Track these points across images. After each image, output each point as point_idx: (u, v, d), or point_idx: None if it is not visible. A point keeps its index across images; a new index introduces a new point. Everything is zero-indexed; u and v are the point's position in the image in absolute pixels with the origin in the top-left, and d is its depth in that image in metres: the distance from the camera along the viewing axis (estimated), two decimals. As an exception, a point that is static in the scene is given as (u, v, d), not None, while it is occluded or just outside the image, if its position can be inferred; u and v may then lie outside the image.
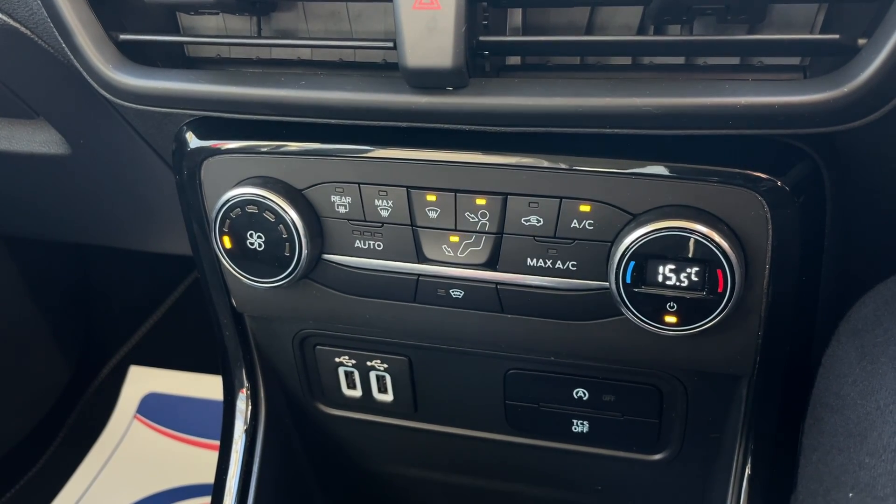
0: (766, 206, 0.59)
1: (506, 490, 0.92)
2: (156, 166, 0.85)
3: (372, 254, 0.70)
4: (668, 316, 0.62)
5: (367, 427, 0.90)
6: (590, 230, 0.63)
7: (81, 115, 0.83)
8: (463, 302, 0.70)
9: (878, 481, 0.47)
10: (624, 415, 0.79)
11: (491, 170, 0.63)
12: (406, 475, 0.95)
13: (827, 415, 0.54)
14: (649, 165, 0.60)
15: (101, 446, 1.58)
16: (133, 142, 0.83)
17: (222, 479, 0.88)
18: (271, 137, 0.68)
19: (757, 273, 0.62)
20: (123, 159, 0.89)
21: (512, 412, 0.82)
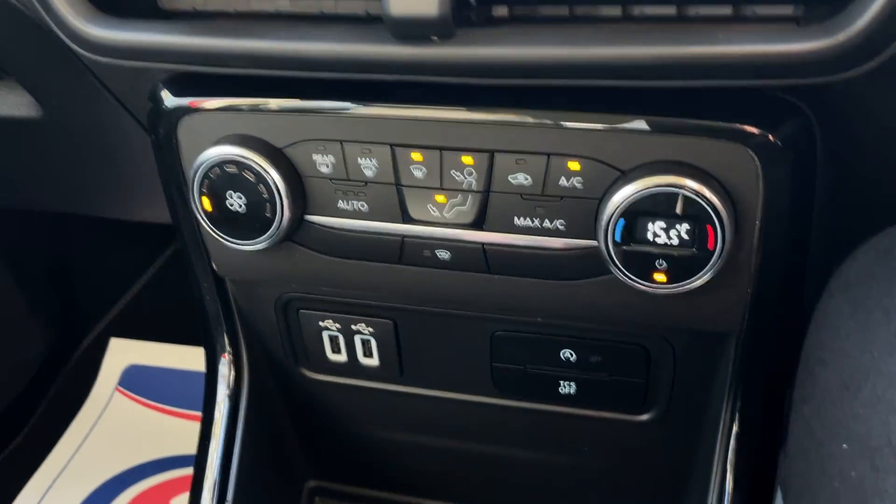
0: (758, 161, 0.59)
1: (493, 452, 0.92)
2: (132, 129, 0.83)
3: (356, 214, 0.68)
4: (656, 274, 0.62)
5: (352, 392, 0.89)
6: (578, 188, 0.62)
7: (52, 75, 0.81)
8: (449, 263, 0.69)
9: (872, 432, 0.47)
10: (611, 375, 0.79)
11: (477, 126, 0.62)
12: (392, 439, 0.95)
13: (819, 369, 0.54)
14: (639, 120, 0.59)
15: (82, 419, 1.57)
16: (107, 103, 0.81)
17: (205, 446, 0.87)
18: (250, 94, 0.66)
19: (747, 229, 0.62)
20: (98, 122, 0.87)
21: (499, 374, 0.82)
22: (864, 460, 0.46)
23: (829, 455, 0.49)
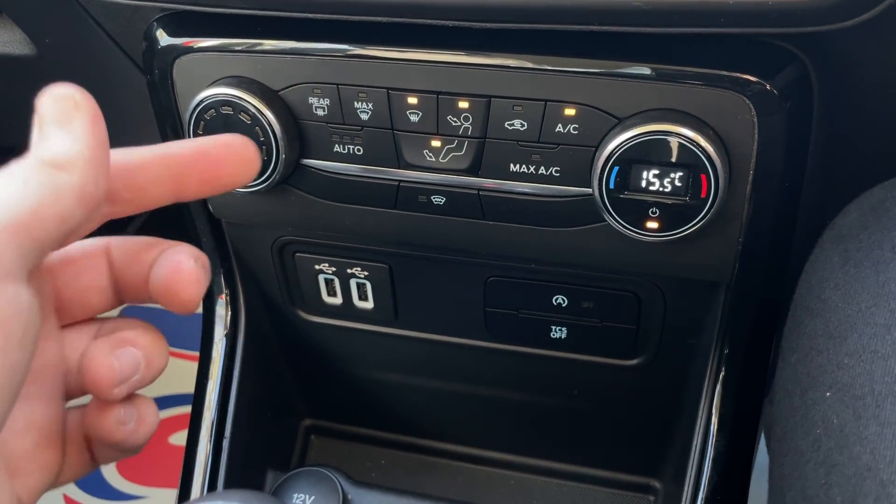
0: (753, 109, 0.59)
1: (484, 394, 0.93)
2: (127, 68, 0.82)
3: (351, 158, 0.68)
4: (650, 222, 0.62)
5: (347, 334, 0.90)
6: (574, 134, 0.62)
7: (46, 13, 0.79)
8: (444, 208, 0.69)
9: (856, 381, 0.48)
10: (602, 321, 0.80)
11: (474, 71, 0.62)
12: (387, 381, 0.96)
13: (807, 318, 0.55)
14: (636, 66, 0.59)
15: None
16: (101, 42, 0.79)
17: (203, 385, 0.88)
18: (246, 35, 0.65)
19: (740, 178, 0.62)
20: (92, 61, 0.85)
21: (492, 319, 0.83)
22: (846, 408, 0.47)
23: (812, 402, 0.51)
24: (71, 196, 0.39)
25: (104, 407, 0.44)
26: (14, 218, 0.37)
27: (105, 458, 0.47)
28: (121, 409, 0.44)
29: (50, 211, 0.38)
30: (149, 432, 0.46)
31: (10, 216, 0.37)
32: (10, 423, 0.41)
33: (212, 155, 0.45)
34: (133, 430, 0.45)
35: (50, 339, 0.45)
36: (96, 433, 0.44)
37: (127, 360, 0.43)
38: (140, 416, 0.45)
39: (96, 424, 0.44)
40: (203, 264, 0.44)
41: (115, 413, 0.44)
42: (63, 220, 0.39)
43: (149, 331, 0.45)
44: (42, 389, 0.44)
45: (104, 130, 0.41)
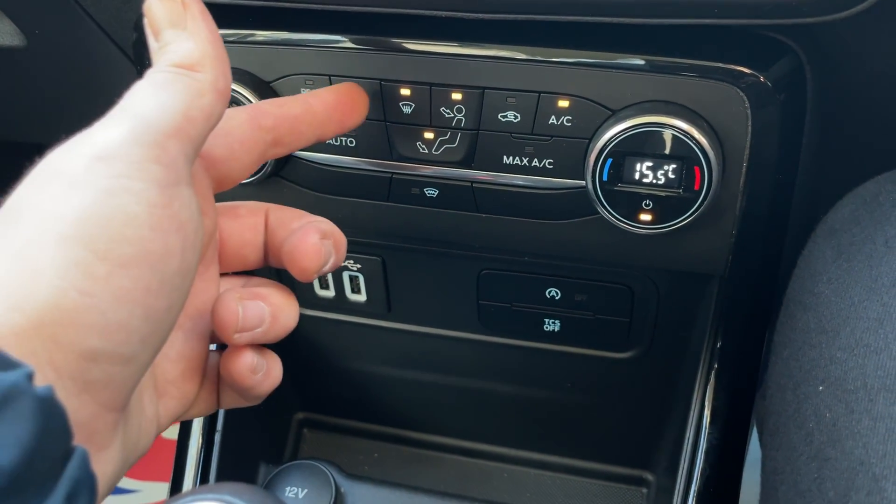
0: (747, 101, 0.58)
1: (477, 387, 0.93)
2: (117, 59, 0.82)
3: (344, 150, 0.68)
4: (643, 214, 0.62)
5: (340, 327, 0.90)
6: (568, 126, 0.62)
7: (35, 3, 0.79)
8: (437, 201, 0.69)
9: (848, 375, 0.48)
10: (595, 314, 0.80)
11: (468, 62, 0.61)
12: (379, 374, 0.96)
13: (800, 312, 0.55)
14: (630, 58, 0.59)
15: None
16: (92, 33, 0.79)
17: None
18: (237, 26, 0.65)
19: (734, 171, 0.62)
20: (83, 52, 0.85)
21: (485, 312, 0.83)
22: (839, 402, 0.47)
23: (805, 395, 0.51)
24: (210, 92, 0.42)
25: (238, 353, 0.47)
26: (174, 124, 0.40)
27: (228, 403, 0.52)
28: (253, 357, 0.48)
29: (198, 111, 0.42)
30: (273, 384, 0.50)
31: (171, 122, 0.40)
32: (165, 350, 0.46)
33: (345, 102, 0.57)
34: (260, 380, 0.49)
35: (211, 282, 0.49)
36: (229, 375, 0.48)
37: (252, 312, 0.47)
38: (269, 368, 0.49)
39: (230, 367, 0.48)
40: (335, 242, 0.50)
41: (247, 360, 0.47)
42: (209, 118, 0.42)
43: (283, 291, 0.49)
44: (197, 326, 0.49)
45: (214, 24, 0.45)
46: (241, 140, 0.49)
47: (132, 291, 0.37)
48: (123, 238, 0.37)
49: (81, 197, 0.37)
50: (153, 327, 0.39)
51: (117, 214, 0.37)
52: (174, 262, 0.39)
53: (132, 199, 0.38)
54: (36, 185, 0.39)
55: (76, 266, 0.36)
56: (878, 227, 0.53)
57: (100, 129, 0.40)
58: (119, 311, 0.37)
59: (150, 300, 0.38)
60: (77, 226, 0.37)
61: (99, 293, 0.36)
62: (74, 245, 0.36)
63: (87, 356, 0.37)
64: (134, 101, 0.41)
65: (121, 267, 0.37)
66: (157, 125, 0.40)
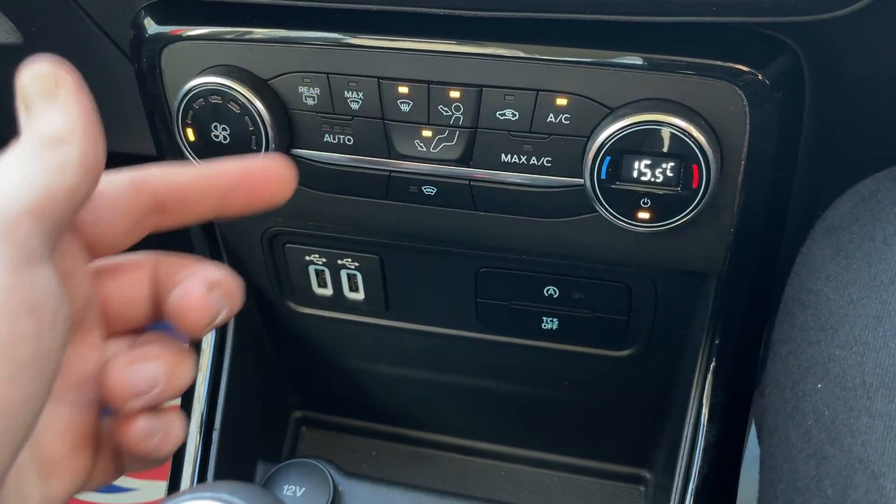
0: (745, 99, 0.58)
1: (475, 385, 0.93)
2: (114, 57, 0.81)
3: (342, 148, 0.68)
4: (641, 212, 0.62)
5: (338, 325, 0.90)
6: (566, 124, 0.62)
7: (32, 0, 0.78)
8: (435, 199, 0.69)
9: (847, 373, 0.48)
10: (593, 312, 0.80)
11: (466, 60, 0.61)
12: (377, 372, 0.96)
13: (799, 310, 0.55)
14: (628, 56, 0.59)
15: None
16: (89, 31, 0.79)
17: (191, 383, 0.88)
18: (235, 24, 0.64)
19: (732, 169, 0.62)
20: (80, 50, 0.85)
21: (483, 310, 0.83)
22: (837, 400, 0.47)
23: (803, 393, 0.51)
24: (76, 169, 0.39)
25: (129, 418, 0.44)
26: (30, 201, 0.37)
27: (132, 467, 0.47)
28: (146, 421, 0.44)
29: (60, 188, 0.38)
30: (174, 445, 0.45)
31: (27, 200, 0.37)
32: (49, 426, 0.42)
33: (254, 177, 0.47)
34: (158, 443, 0.44)
35: (93, 347, 0.45)
36: (122, 443, 0.44)
37: (144, 375, 0.43)
38: (166, 429, 0.45)
39: (122, 435, 0.44)
40: (226, 291, 0.44)
41: (139, 425, 0.44)
42: (73, 195, 0.39)
43: (173, 348, 0.45)
44: (82, 396, 0.44)
45: (89, 98, 0.41)
46: (113, 204, 0.44)
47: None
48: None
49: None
50: (9, 421, 0.35)
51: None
52: (27, 348, 0.35)
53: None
54: None
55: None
56: (877, 225, 0.53)
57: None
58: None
59: (5, 394, 0.34)
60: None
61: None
62: None
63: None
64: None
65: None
66: (9, 202, 0.37)
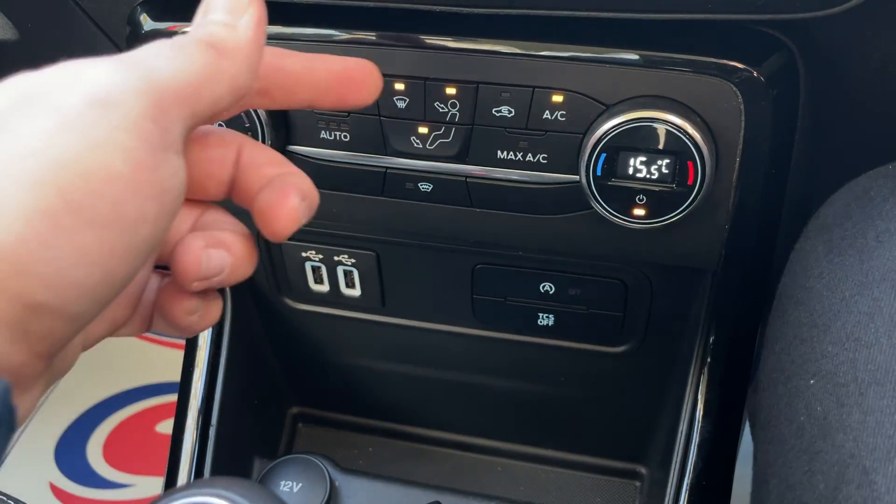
0: (740, 96, 0.59)
1: (472, 381, 0.93)
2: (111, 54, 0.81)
3: (338, 145, 0.68)
4: (637, 209, 0.62)
5: (334, 322, 0.90)
6: (562, 121, 0.62)
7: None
8: (432, 195, 0.69)
9: (839, 369, 0.48)
10: (589, 308, 0.80)
11: (462, 57, 0.61)
12: (374, 368, 0.96)
13: (792, 307, 0.55)
14: (624, 53, 0.59)
15: (65, 343, 1.58)
16: (85, 27, 0.79)
17: (189, 373, 0.88)
18: (231, 20, 0.64)
19: (727, 166, 0.62)
20: (76, 46, 0.84)
21: (479, 306, 0.83)
22: (830, 396, 0.48)
23: (796, 390, 0.51)
24: (226, 82, 0.41)
25: (180, 293, 0.45)
26: (184, 91, 0.38)
27: (159, 329, 0.49)
28: (194, 300, 0.45)
29: (207, 91, 0.40)
30: (209, 325, 0.48)
31: (181, 89, 0.38)
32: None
33: (351, 78, 0.50)
34: (196, 322, 0.46)
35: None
36: (164, 311, 0.46)
37: (215, 262, 0.44)
38: (206, 310, 0.47)
39: (168, 304, 0.45)
40: (310, 204, 0.46)
41: (187, 302, 0.45)
42: (215, 103, 0.40)
43: (246, 240, 0.46)
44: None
45: (265, 32, 0.44)
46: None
47: (95, 252, 0.35)
48: (101, 195, 0.35)
49: (69, 142, 0.35)
50: (108, 290, 0.37)
51: (101, 169, 0.35)
52: (145, 228, 0.37)
53: (120, 155, 0.35)
54: (20, 109, 0.36)
55: (44, 214, 0.34)
56: (870, 223, 0.53)
57: (102, 69, 0.37)
58: (76, 270, 0.35)
59: (113, 263, 0.36)
60: (56, 171, 0.34)
61: (60, 248, 0.34)
62: (49, 191, 0.34)
63: (33, 309, 0.34)
64: (147, 53, 0.39)
65: (89, 225, 0.35)
66: (165, 83, 0.37)
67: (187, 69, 0.39)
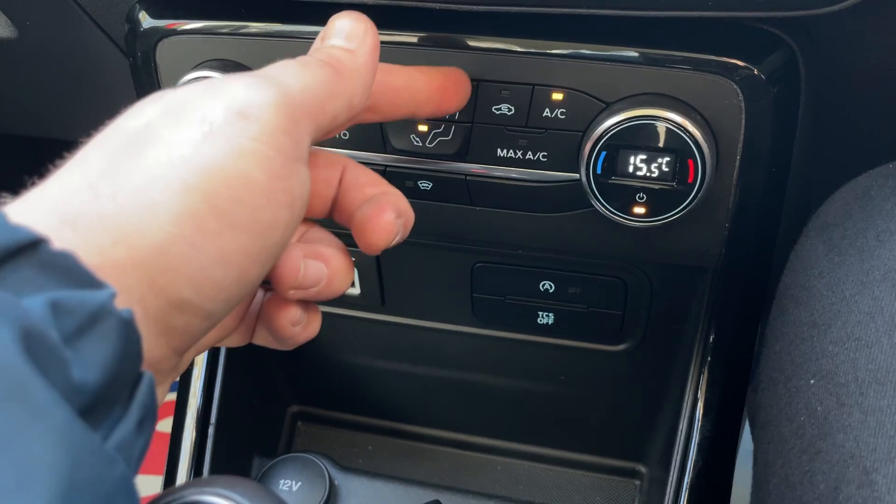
0: (741, 94, 0.58)
1: (471, 380, 0.93)
2: (110, 51, 0.81)
3: (337, 143, 0.68)
4: (637, 207, 0.62)
5: (334, 320, 0.90)
6: (562, 119, 0.62)
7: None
8: (431, 194, 0.69)
9: (839, 369, 0.48)
10: (589, 307, 0.80)
11: (461, 54, 0.61)
12: (373, 367, 0.96)
13: (792, 306, 0.55)
14: (624, 50, 0.59)
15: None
16: (84, 24, 0.78)
17: (188, 371, 0.88)
18: (230, 17, 0.64)
19: (727, 164, 0.62)
20: (75, 44, 0.84)
21: (479, 305, 0.83)
22: (830, 396, 0.47)
23: (796, 389, 0.51)
24: (345, 99, 0.45)
25: (285, 305, 0.48)
26: (310, 103, 0.42)
27: (260, 341, 0.52)
28: (297, 310, 0.48)
29: (330, 107, 0.44)
30: (309, 337, 0.50)
31: (309, 102, 0.42)
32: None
33: (447, 88, 0.56)
34: (297, 333, 0.49)
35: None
36: (270, 322, 0.49)
37: (313, 272, 0.47)
38: (308, 324, 0.50)
39: (271, 314, 0.48)
40: (405, 221, 0.50)
41: (291, 312, 0.48)
42: (335, 118, 0.44)
43: (343, 256, 0.49)
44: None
45: (378, 58, 0.48)
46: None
47: (234, 253, 0.38)
48: (241, 201, 0.38)
49: (215, 150, 0.38)
50: (240, 290, 0.40)
51: (241, 176, 0.38)
52: (277, 233, 0.40)
53: (258, 164, 0.38)
54: (169, 120, 0.39)
55: (192, 217, 0.37)
56: (870, 222, 0.53)
57: (242, 84, 0.40)
58: (217, 270, 0.38)
59: (247, 265, 0.39)
60: (203, 177, 0.37)
61: (205, 248, 0.37)
62: (196, 196, 0.37)
63: (177, 304, 0.37)
64: (278, 71, 0.43)
65: (231, 228, 0.38)
66: (297, 99, 0.41)
67: (314, 86, 0.42)
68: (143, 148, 0.38)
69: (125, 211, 0.36)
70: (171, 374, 0.42)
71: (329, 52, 0.46)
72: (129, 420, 0.33)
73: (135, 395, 0.33)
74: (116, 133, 0.39)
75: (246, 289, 0.40)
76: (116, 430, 0.32)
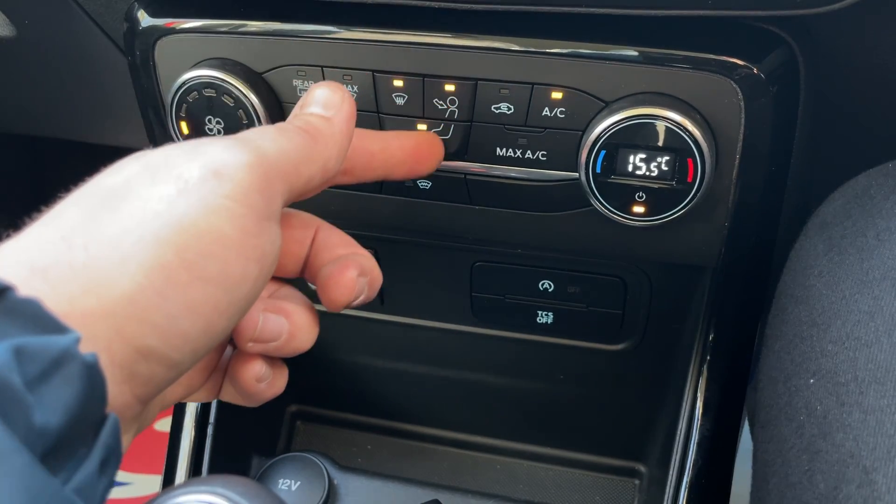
0: (741, 93, 0.58)
1: (470, 379, 0.93)
2: (108, 50, 0.81)
3: (336, 144, 0.68)
4: (636, 206, 0.62)
5: (333, 319, 0.89)
6: (561, 118, 0.62)
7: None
8: (430, 193, 0.69)
9: (839, 368, 0.48)
10: (588, 306, 0.80)
11: (461, 53, 0.61)
12: (372, 366, 0.96)
13: (791, 305, 0.55)
14: (624, 49, 0.59)
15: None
16: (82, 23, 0.78)
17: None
18: (229, 16, 0.64)
19: (727, 163, 0.62)
20: (73, 43, 0.84)
21: (478, 304, 0.83)
22: (830, 395, 0.47)
23: (796, 389, 0.51)
24: (319, 163, 0.47)
25: (248, 360, 0.49)
26: (284, 166, 0.44)
27: (227, 397, 0.54)
28: (261, 367, 0.49)
29: (304, 170, 0.46)
30: (275, 394, 0.52)
31: (284, 167, 0.44)
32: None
33: (421, 152, 0.59)
34: (262, 389, 0.51)
35: None
36: (233, 376, 0.50)
37: (272, 326, 0.48)
38: (273, 380, 0.51)
39: (236, 370, 0.49)
40: (371, 281, 0.51)
41: (255, 369, 0.49)
42: (309, 181, 0.46)
43: (308, 312, 0.51)
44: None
45: (354, 126, 0.51)
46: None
47: (203, 305, 0.39)
48: (212, 255, 0.39)
49: (188, 206, 0.39)
50: (207, 341, 0.41)
51: (213, 231, 0.39)
52: (245, 287, 0.41)
53: (230, 221, 0.40)
54: (146, 177, 0.40)
55: (162, 268, 0.38)
56: (870, 221, 0.53)
57: (219, 146, 0.42)
58: (185, 320, 0.39)
59: (214, 317, 0.40)
60: (176, 231, 0.38)
61: (174, 299, 0.38)
62: (167, 249, 0.38)
63: (143, 352, 0.38)
64: (256, 135, 0.45)
65: (201, 280, 0.39)
66: (272, 161, 0.43)
67: (289, 149, 0.45)
68: (119, 203, 0.39)
69: (96, 262, 0.37)
70: (134, 424, 0.43)
71: (306, 119, 0.48)
72: (92, 461, 0.33)
73: (98, 437, 0.34)
74: (95, 189, 0.41)
75: (212, 340, 0.41)
76: (78, 473, 0.32)
